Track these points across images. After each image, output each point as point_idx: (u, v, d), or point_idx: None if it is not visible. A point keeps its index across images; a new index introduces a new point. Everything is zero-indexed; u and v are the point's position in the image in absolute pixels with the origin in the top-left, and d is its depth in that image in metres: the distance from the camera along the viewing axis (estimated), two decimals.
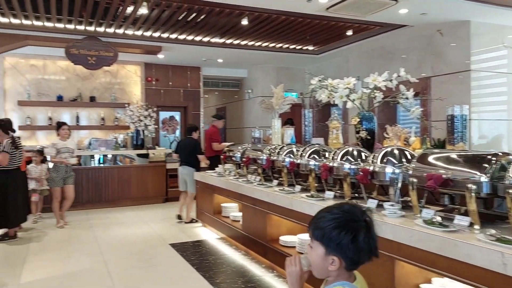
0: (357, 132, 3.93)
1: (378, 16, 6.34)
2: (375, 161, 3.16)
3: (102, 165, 8.65)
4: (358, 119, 3.89)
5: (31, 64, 9.04)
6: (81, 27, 7.31)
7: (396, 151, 3.13)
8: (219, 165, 6.02)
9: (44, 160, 6.84)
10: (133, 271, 4.37)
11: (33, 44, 7.78)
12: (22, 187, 5.80)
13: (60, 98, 9.15)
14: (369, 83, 3.90)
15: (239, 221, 5.06)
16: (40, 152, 6.85)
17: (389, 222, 2.68)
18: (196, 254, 4.87)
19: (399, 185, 3.00)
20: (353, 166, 3.39)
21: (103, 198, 7.94)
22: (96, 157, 8.72)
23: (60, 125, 6.53)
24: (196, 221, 6.44)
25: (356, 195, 3.51)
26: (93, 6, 6.25)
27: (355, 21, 6.82)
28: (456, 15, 6.32)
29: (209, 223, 6.00)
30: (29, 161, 6.60)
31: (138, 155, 8.63)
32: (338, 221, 1.33)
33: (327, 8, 6.02)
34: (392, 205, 2.90)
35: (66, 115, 9.31)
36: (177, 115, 11.07)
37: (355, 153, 3.49)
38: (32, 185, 6.50)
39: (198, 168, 6.59)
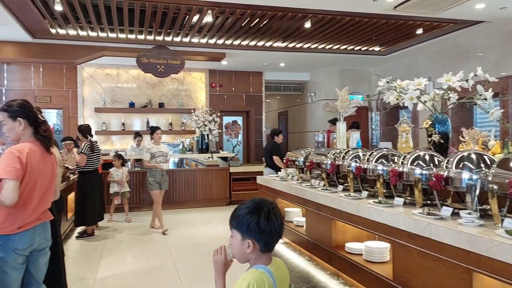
0: (429, 136, 3.72)
1: (451, 12, 5.99)
2: (449, 166, 2.98)
3: (169, 168, 9.01)
4: (430, 122, 3.68)
5: (106, 74, 9.70)
6: (150, 37, 7.71)
7: (473, 156, 2.92)
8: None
9: (123, 164, 7.19)
10: (200, 271, 4.48)
11: (108, 55, 8.36)
12: (99, 187, 6.21)
13: (132, 104, 9.71)
14: (442, 84, 3.68)
15: (302, 226, 5.01)
16: (120, 156, 7.16)
17: (466, 231, 2.50)
18: None
19: (477, 192, 2.79)
20: (425, 172, 3.22)
21: (171, 200, 8.26)
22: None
23: (154, 129, 6.45)
24: None
25: (428, 202, 3.32)
26: (162, 17, 6.56)
27: (425, 19, 6.51)
28: None
29: None
30: (105, 164, 7.03)
31: (222, 158, 8.87)
32: (249, 209, 1.58)
33: (395, 7, 5.81)
34: (469, 213, 2.71)
35: (137, 121, 9.87)
36: (239, 120, 11.27)
37: (427, 157, 3.31)
38: (114, 188, 6.90)
39: (279, 170, 6.72)
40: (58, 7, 5.93)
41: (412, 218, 2.95)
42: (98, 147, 6.17)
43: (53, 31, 7.23)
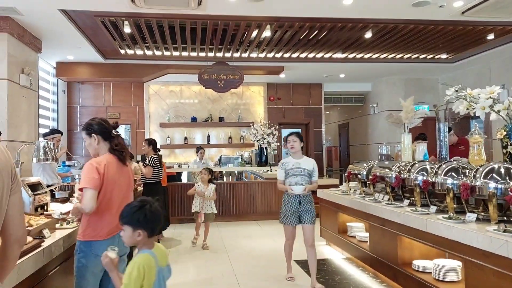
0: (504, 147, 3.45)
1: None
2: None
3: (228, 180, 9.17)
4: (505, 132, 3.42)
5: (170, 90, 10.17)
6: (211, 54, 7.97)
7: None
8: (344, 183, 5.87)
9: (211, 180, 6.15)
10: (261, 283, 4.47)
11: (172, 72, 8.77)
12: (163, 198, 6.48)
13: (194, 119, 10.07)
14: None
15: (366, 241, 4.83)
16: (210, 170, 6.19)
17: None
18: (321, 272, 4.78)
19: None
20: (500, 185, 2.98)
21: (231, 212, 8.37)
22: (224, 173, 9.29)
23: (301, 139, 4.55)
24: None
25: (504, 218, 3.07)
26: (222, 34, 6.76)
27: (497, 23, 6.11)
28: None
29: (333, 242, 5.86)
30: (170, 176, 7.25)
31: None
32: (137, 207, 2.09)
33: (463, 12, 5.52)
34: None
35: (199, 135, 10.20)
36: None
37: (502, 170, 3.07)
38: (196, 207, 6.03)
39: None
40: (127, 29, 6.33)
41: (487, 235, 2.74)
42: (161, 161, 6.47)
43: (122, 51, 7.72)
